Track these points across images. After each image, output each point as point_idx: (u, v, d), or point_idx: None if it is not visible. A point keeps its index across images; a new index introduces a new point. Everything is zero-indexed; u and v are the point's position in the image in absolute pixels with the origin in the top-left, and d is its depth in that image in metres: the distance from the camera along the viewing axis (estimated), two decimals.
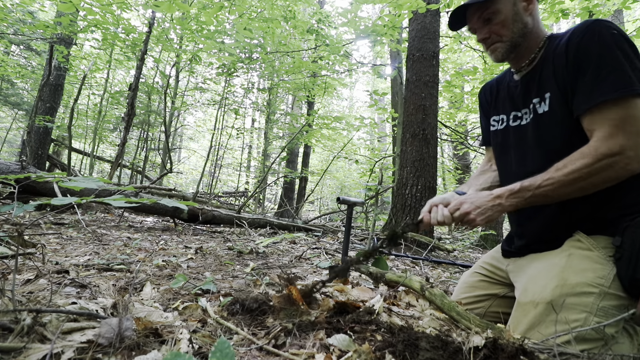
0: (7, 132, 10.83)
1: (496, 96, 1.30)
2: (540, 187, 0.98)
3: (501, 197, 1.03)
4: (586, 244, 1.02)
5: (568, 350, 0.82)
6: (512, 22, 1.09)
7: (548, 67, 1.08)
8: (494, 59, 1.16)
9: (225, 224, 4.22)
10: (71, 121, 5.12)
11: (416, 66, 4.08)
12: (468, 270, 1.43)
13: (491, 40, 1.13)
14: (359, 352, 0.71)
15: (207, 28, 5.69)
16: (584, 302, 0.94)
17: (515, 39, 1.10)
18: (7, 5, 5.14)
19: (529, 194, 1.00)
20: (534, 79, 1.13)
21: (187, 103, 11.50)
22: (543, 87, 1.09)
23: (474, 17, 1.14)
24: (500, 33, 1.10)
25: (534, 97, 1.12)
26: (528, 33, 1.11)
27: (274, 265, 2.09)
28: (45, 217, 3.26)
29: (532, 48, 1.13)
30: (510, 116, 1.22)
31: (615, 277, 0.96)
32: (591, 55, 0.97)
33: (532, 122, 1.12)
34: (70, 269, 1.46)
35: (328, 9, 10.78)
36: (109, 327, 0.72)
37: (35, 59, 9.96)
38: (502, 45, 1.12)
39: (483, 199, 1.05)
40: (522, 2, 1.10)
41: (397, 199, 3.95)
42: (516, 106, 1.19)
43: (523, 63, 1.15)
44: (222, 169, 13.25)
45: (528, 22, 1.10)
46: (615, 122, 0.92)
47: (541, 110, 1.09)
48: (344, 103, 22.50)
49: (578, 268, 0.99)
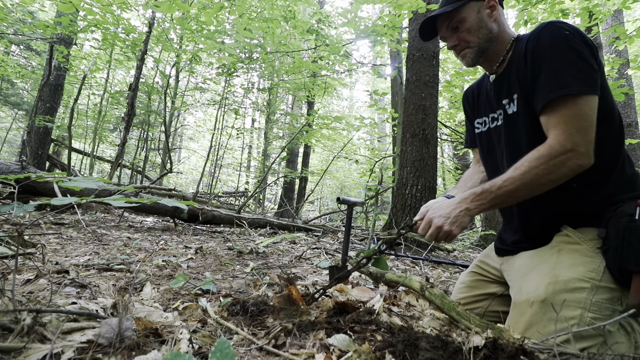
0: (7, 132, 10.83)
1: (477, 99, 1.34)
2: (500, 188, 1.01)
3: (466, 201, 1.06)
4: (574, 238, 1.04)
5: (568, 350, 0.82)
6: (477, 29, 1.15)
7: (514, 70, 1.13)
8: (465, 64, 1.22)
9: (225, 224, 4.22)
10: (71, 121, 5.12)
11: (416, 66, 4.08)
12: (465, 270, 1.43)
13: (460, 46, 1.19)
14: (359, 352, 0.71)
15: (207, 28, 5.69)
16: (577, 298, 0.95)
17: (482, 44, 1.16)
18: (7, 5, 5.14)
19: (491, 196, 1.02)
20: (504, 81, 1.18)
21: (187, 103, 11.50)
22: (511, 89, 1.14)
23: (443, 26, 1.20)
24: (467, 40, 1.16)
25: (504, 98, 1.17)
26: (494, 38, 1.16)
27: (274, 265, 2.09)
28: (45, 217, 3.26)
29: (500, 51, 1.18)
30: (489, 118, 1.26)
31: (606, 269, 0.97)
32: (544, 56, 1.02)
33: (504, 122, 1.18)
34: (70, 269, 1.46)
35: (328, 9, 10.79)
36: (109, 327, 0.72)
37: (35, 59, 9.96)
38: (470, 51, 1.17)
39: (449, 207, 1.07)
40: (486, 9, 1.15)
41: (397, 199, 3.95)
42: (492, 108, 1.24)
43: (494, 66, 1.20)
44: (222, 169, 13.25)
45: (493, 28, 1.16)
46: (566, 119, 0.96)
47: (510, 111, 1.15)
48: (344, 103, 22.50)
49: (568, 263, 1.00)
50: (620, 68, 6.29)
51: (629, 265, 0.91)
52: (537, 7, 4.28)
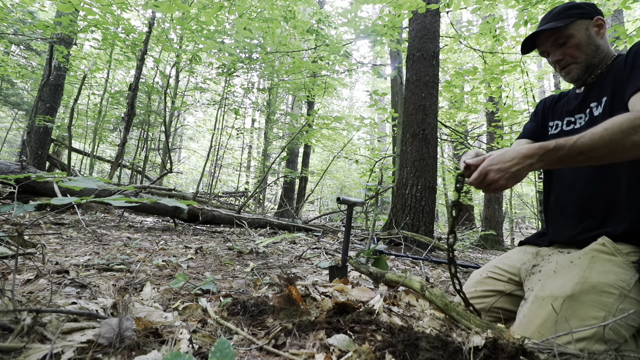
0: (7, 132, 10.83)
1: (555, 104, 1.38)
2: (575, 143, 0.95)
3: (533, 156, 0.98)
4: (610, 248, 1.05)
5: (568, 350, 0.82)
6: (585, 45, 1.18)
7: (610, 77, 1.17)
8: (569, 79, 1.24)
9: (225, 224, 4.22)
10: (71, 121, 5.12)
11: (416, 66, 4.08)
12: (480, 268, 1.45)
13: (565, 61, 1.21)
14: (359, 352, 0.71)
15: (207, 28, 5.69)
16: (604, 301, 0.95)
17: (589, 60, 1.19)
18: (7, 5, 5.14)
19: (562, 152, 0.96)
20: (595, 87, 1.21)
21: (187, 103, 11.50)
22: (602, 93, 1.17)
23: (548, 41, 1.22)
24: (574, 55, 1.19)
25: (592, 101, 1.20)
26: (601, 54, 1.19)
27: (274, 265, 2.09)
28: (45, 217, 3.26)
29: (601, 66, 1.21)
30: (564, 122, 1.29)
31: (637, 282, 0.98)
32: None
33: (586, 124, 1.19)
34: (70, 269, 1.46)
35: (328, 9, 10.79)
36: (109, 327, 0.72)
37: (35, 59, 9.96)
38: (577, 67, 1.20)
39: (511, 161, 0.99)
40: (594, 27, 1.19)
41: (397, 199, 3.95)
42: (571, 113, 1.27)
43: (590, 79, 1.23)
44: (222, 169, 13.25)
45: (600, 44, 1.19)
46: None
47: (597, 112, 1.17)
48: (344, 103, 22.49)
49: (600, 270, 1.00)
50: None
51: None
52: (537, 7, 4.28)
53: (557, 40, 1.20)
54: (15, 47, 9.90)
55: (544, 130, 1.39)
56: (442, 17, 4.61)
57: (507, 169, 0.99)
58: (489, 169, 1.01)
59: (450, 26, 7.57)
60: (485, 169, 1.02)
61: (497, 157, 1.01)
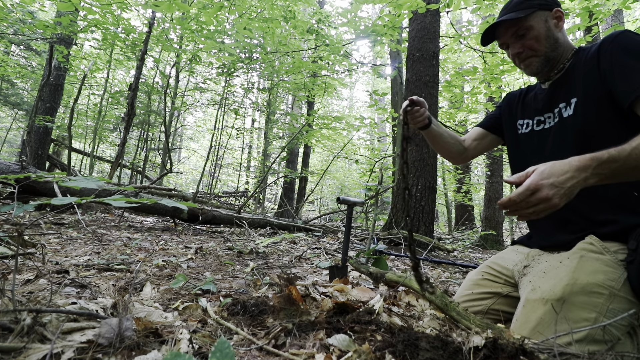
0: (7, 132, 10.83)
1: (523, 99, 1.36)
2: (630, 156, 0.87)
3: (587, 169, 0.87)
4: (598, 247, 1.04)
5: (568, 350, 0.82)
6: (545, 38, 1.16)
7: (576, 75, 1.14)
8: (529, 72, 1.21)
9: (225, 224, 4.22)
10: (71, 121, 5.12)
11: (416, 66, 4.08)
12: (474, 270, 1.44)
13: (525, 54, 1.18)
14: (359, 352, 0.71)
15: (207, 28, 5.69)
16: (594, 302, 0.95)
17: (548, 53, 1.17)
18: (7, 5, 5.14)
19: (616, 165, 0.87)
20: (561, 85, 1.19)
21: (187, 103, 11.51)
22: (570, 93, 1.15)
23: (508, 33, 1.19)
24: (534, 48, 1.16)
25: (560, 101, 1.17)
26: (560, 47, 1.18)
27: (274, 265, 2.09)
28: (45, 217, 3.26)
29: (562, 60, 1.19)
30: (534, 121, 1.27)
31: (626, 281, 0.97)
32: (631, 50, 1.02)
33: (556, 125, 1.18)
34: (70, 269, 1.46)
35: (328, 9, 10.79)
36: (109, 327, 0.72)
37: (35, 59, 9.97)
38: (536, 60, 1.18)
39: (565, 174, 0.86)
40: (553, 19, 1.17)
41: (397, 199, 3.95)
42: (539, 111, 1.25)
43: (552, 74, 1.21)
44: (222, 169, 13.26)
45: (559, 38, 1.17)
46: None
47: (566, 114, 1.15)
48: (344, 103, 22.50)
49: (589, 270, 1.00)
50: None
51: None
52: None
53: (517, 31, 1.17)
54: (15, 47, 9.90)
55: (512, 128, 1.37)
56: (442, 17, 4.61)
57: (562, 184, 0.85)
58: (541, 183, 0.85)
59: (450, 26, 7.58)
60: (536, 184, 0.85)
61: (548, 170, 0.87)
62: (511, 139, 1.37)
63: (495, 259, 1.37)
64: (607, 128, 1.07)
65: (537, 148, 1.24)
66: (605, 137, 1.05)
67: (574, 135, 1.11)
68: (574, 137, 1.11)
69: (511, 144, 1.38)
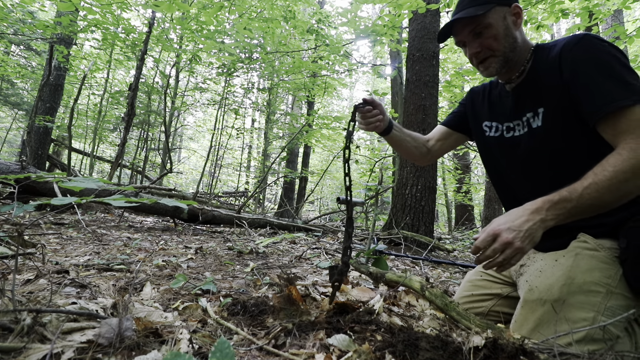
0: (7, 132, 10.83)
1: (488, 100, 1.30)
2: (582, 196, 0.89)
3: (540, 211, 0.91)
4: (592, 244, 1.03)
5: (568, 350, 0.82)
6: (503, 37, 1.09)
7: (539, 81, 1.09)
8: (487, 74, 1.15)
9: (225, 224, 4.22)
10: (71, 121, 5.12)
11: (416, 66, 4.08)
12: (472, 270, 1.43)
13: (483, 54, 1.11)
14: (359, 352, 0.71)
15: (207, 28, 5.70)
16: (591, 301, 0.95)
17: (507, 54, 1.10)
18: (7, 5, 5.14)
19: (571, 205, 0.90)
20: (525, 92, 1.13)
21: (187, 103, 11.51)
22: (536, 102, 1.10)
23: (465, 30, 1.12)
24: (492, 47, 1.10)
25: (527, 111, 1.13)
26: (518, 47, 1.11)
27: (274, 265, 2.09)
28: (45, 217, 3.27)
29: (521, 61, 1.13)
30: (504, 126, 1.23)
31: (622, 277, 0.97)
32: (592, 64, 0.97)
33: (527, 135, 1.14)
34: (70, 269, 1.46)
35: (328, 9, 10.79)
36: (109, 327, 0.72)
37: (35, 59, 9.97)
38: (495, 60, 1.11)
39: (520, 218, 0.91)
40: (511, 16, 1.10)
41: (397, 199, 3.95)
42: (508, 117, 1.20)
43: (513, 76, 1.15)
44: (222, 169, 13.25)
45: (517, 36, 1.11)
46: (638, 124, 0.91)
47: (535, 125, 1.10)
48: (344, 103, 22.51)
49: (585, 267, 0.99)
50: None
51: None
52: (537, 7, 4.28)
53: (474, 29, 1.09)
54: (15, 47, 9.90)
55: (479, 129, 1.32)
56: (442, 17, 4.61)
57: (519, 227, 0.89)
58: (499, 228, 0.91)
59: None
60: (494, 230, 0.91)
61: (504, 217, 0.93)
62: (480, 139, 1.34)
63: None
64: (576, 141, 1.04)
65: (511, 158, 1.20)
66: (575, 151, 1.04)
67: (549, 152, 1.07)
68: (549, 154, 1.07)
69: (480, 145, 1.34)
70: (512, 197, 1.12)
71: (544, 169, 1.00)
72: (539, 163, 1.10)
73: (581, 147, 1.04)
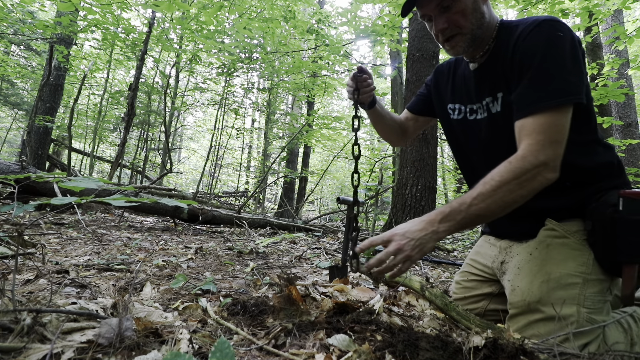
0: (7, 132, 10.83)
1: (452, 81, 1.26)
2: (471, 206, 0.91)
3: (433, 222, 0.93)
4: (560, 231, 1.03)
5: (568, 350, 0.82)
6: (471, 12, 1.02)
7: (498, 66, 1.06)
8: (453, 53, 1.10)
9: (225, 224, 4.22)
10: (71, 121, 5.12)
11: (416, 66, 4.08)
12: (459, 271, 1.43)
13: (450, 31, 1.04)
14: (359, 352, 0.71)
15: (207, 28, 5.70)
16: (571, 294, 0.96)
17: (474, 31, 1.04)
18: (7, 5, 5.14)
19: (460, 216, 0.92)
20: (486, 76, 1.10)
21: (187, 103, 11.51)
22: (495, 87, 1.07)
23: (432, 3, 1.03)
24: (459, 24, 1.02)
25: (487, 95, 1.10)
26: (485, 23, 1.05)
27: (274, 265, 2.09)
28: (45, 217, 3.26)
29: (487, 39, 1.08)
30: (467, 108, 1.20)
31: (594, 261, 0.98)
32: (534, 60, 0.95)
33: (487, 120, 1.12)
34: (70, 269, 1.46)
35: (328, 9, 10.78)
36: (109, 327, 0.72)
37: (35, 59, 9.97)
38: (462, 39, 1.05)
39: (416, 227, 0.93)
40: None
41: (397, 199, 3.95)
42: (471, 99, 1.18)
43: (478, 55, 1.11)
44: (222, 169, 13.25)
45: (485, 12, 1.05)
46: (543, 132, 0.90)
47: (494, 110, 1.09)
48: (344, 103, 22.49)
49: (558, 258, 1.00)
50: (620, 68, 6.29)
51: (619, 257, 0.92)
52: (537, 7, 4.28)
53: (442, 2, 1.01)
54: (15, 47, 9.90)
55: (444, 111, 1.29)
56: None
57: (413, 235, 0.92)
58: (395, 232, 0.94)
59: None
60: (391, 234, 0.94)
61: (407, 225, 0.95)
62: (445, 122, 1.31)
63: (474, 255, 1.35)
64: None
65: (474, 140, 1.18)
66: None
67: (508, 137, 1.03)
68: (508, 139, 1.03)
69: (446, 127, 1.32)
70: (476, 177, 1.12)
71: (503, 153, 0.99)
72: (499, 147, 1.08)
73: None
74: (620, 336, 0.97)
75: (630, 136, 6.25)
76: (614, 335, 0.96)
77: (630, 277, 0.91)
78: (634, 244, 0.90)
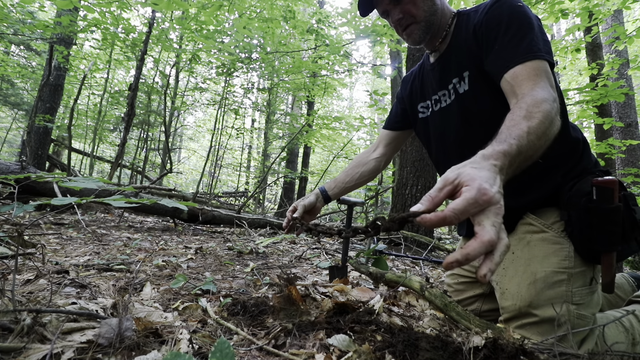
0: (7, 132, 10.83)
1: (421, 83, 1.28)
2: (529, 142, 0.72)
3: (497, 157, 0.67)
4: (538, 225, 1.03)
5: (568, 350, 0.82)
6: (421, 0, 1.06)
7: (462, 45, 1.07)
8: (412, 42, 1.12)
9: (225, 224, 4.22)
10: (71, 121, 5.12)
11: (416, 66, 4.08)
12: (447, 272, 1.43)
13: (405, 20, 1.08)
14: (359, 352, 0.71)
15: (206, 28, 5.70)
16: (559, 293, 0.96)
17: (428, 18, 1.08)
18: (7, 5, 5.14)
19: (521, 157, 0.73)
20: (449, 60, 1.11)
21: (187, 103, 11.50)
22: (461, 67, 1.08)
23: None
24: (412, 12, 1.07)
25: (453, 77, 1.10)
26: (438, 10, 1.09)
27: (274, 265, 2.09)
28: (45, 217, 3.26)
29: (443, 26, 1.11)
30: (432, 101, 1.21)
31: (575, 253, 0.98)
32: (503, 21, 0.96)
33: (455, 102, 1.11)
34: (70, 269, 1.46)
35: (328, 9, 10.79)
36: (109, 327, 0.72)
37: (35, 59, 9.97)
38: (417, 27, 1.08)
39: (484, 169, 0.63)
40: None
41: (397, 199, 3.95)
42: (434, 90, 1.19)
43: (437, 43, 1.13)
44: (222, 169, 13.25)
45: (436, 0, 1.09)
46: (543, 74, 0.87)
47: (462, 90, 1.08)
48: (344, 103, 22.50)
49: (541, 255, 1.00)
50: (620, 68, 6.30)
51: (596, 247, 0.92)
52: (537, 7, 4.28)
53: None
54: (15, 47, 9.90)
55: (415, 114, 1.30)
56: None
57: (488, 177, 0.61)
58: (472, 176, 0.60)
59: None
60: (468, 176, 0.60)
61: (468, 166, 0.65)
62: (417, 125, 1.31)
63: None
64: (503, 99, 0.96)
65: (446, 129, 1.17)
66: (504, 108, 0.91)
67: (475, 110, 1.04)
68: (475, 112, 1.04)
69: (418, 129, 1.31)
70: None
71: (476, 130, 0.98)
72: (471, 126, 1.08)
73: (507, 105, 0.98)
74: (620, 336, 0.97)
75: (630, 136, 6.25)
76: (614, 335, 0.96)
77: (609, 265, 0.91)
78: (610, 232, 0.89)
